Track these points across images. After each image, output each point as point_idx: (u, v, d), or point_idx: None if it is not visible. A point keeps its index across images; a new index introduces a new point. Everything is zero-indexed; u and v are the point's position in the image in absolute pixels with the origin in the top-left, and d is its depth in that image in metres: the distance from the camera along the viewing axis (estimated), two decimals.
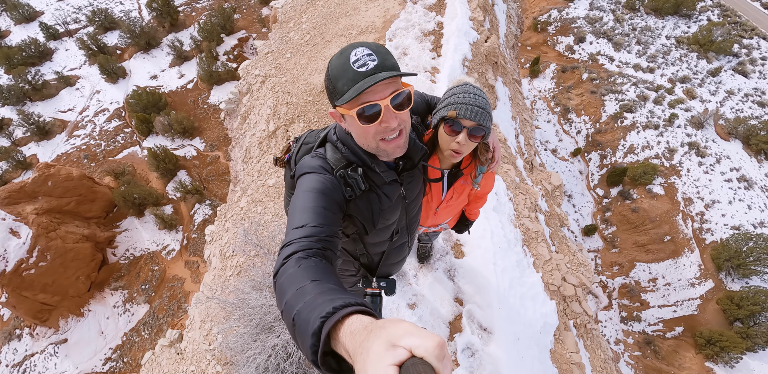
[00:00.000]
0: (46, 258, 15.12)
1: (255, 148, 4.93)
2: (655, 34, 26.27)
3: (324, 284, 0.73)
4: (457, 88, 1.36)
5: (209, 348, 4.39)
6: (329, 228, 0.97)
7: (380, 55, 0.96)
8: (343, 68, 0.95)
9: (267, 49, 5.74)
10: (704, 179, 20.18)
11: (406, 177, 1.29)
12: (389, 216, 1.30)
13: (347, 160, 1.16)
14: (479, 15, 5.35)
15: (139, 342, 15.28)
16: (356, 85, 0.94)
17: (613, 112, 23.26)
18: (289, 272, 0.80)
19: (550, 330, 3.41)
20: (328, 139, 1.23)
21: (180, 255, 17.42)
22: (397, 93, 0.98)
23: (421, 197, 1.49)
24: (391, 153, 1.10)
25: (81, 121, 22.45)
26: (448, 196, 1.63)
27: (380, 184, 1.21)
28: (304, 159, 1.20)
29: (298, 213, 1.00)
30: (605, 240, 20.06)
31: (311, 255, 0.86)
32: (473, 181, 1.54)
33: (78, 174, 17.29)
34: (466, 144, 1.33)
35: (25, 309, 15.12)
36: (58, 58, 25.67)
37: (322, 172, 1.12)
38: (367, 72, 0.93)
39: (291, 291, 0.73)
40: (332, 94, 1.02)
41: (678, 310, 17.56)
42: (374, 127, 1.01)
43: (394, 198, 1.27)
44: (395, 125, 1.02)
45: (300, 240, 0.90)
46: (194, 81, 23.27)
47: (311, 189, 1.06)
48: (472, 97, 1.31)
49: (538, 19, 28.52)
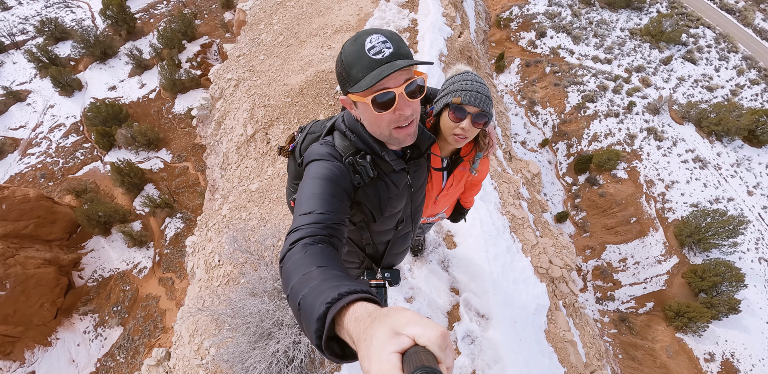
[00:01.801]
0: (6, 286, 14.03)
1: (233, 153, 4.78)
2: (611, 27, 27.82)
3: (330, 270, 0.74)
4: (460, 76, 1.39)
5: (201, 362, 4.23)
6: (336, 216, 0.97)
7: (395, 42, 0.96)
8: (357, 55, 0.95)
9: (238, 52, 5.59)
10: (663, 162, 21.53)
11: (412, 166, 1.30)
12: (396, 205, 1.32)
13: (356, 147, 1.16)
14: (451, 11, 5.46)
15: (115, 367, 14.44)
16: (372, 72, 0.94)
17: (576, 102, 24.39)
18: (296, 257, 0.80)
19: (543, 311, 3.54)
20: (336, 127, 1.23)
21: (153, 272, 16.64)
22: (411, 81, 0.99)
23: (425, 186, 1.51)
24: (402, 141, 1.10)
25: (35, 138, 20.95)
26: (448, 184, 1.66)
27: (388, 172, 1.22)
28: (313, 146, 1.19)
29: (305, 199, 0.99)
30: (576, 225, 20.98)
31: (318, 241, 0.87)
32: (471, 166, 1.58)
33: (35, 194, 16.14)
34: (470, 129, 1.36)
35: None
36: (5, 72, 23.84)
37: (331, 159, 1.12)
38: (383, 59, 0.93)
39: (297, 277, 0.73)
40: (345, 81, 1.01)
41: (648, 287, 18.59)
42: (388, 115, 1.01)
43: (401, 186, 1.28)
44: (409, 113, 1.02)
45: (307, 227, 0.90)
46: (156, 90, 22.28)
47: (319, 176, 1.06)
48: (475, 85, 1.34)
49: (500, 16, 29.45)
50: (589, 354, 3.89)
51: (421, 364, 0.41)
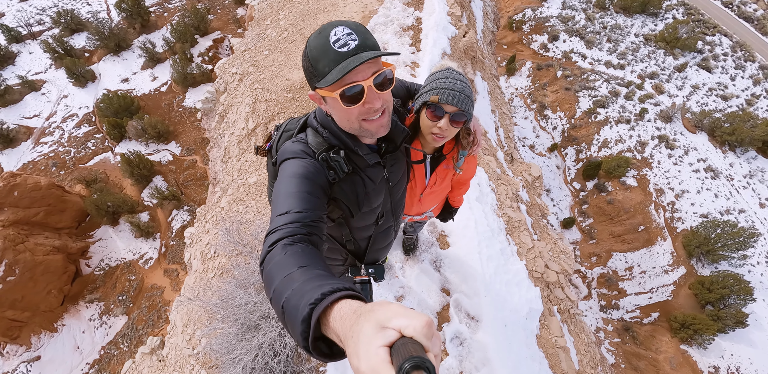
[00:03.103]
0: (15, 272, 14.33)
1: (234, 146, 4.82)
2: (625, 32, 27.42)
3: (311, 270, 0.73)
4: (440, 73, 1.36)
5: (193, 352, 4.26)
6: (314, 213, 0.95)
7: (360, 34, 0.94)
8: (323, 49, 0.92)
9: (244, 47, 5.64)
10: (674, 170, 21.16)
11: (389, 159, 1.28)
12: (374, 200, 1.30)
13: (329, 143, 1.15)
14: (457, 10, 5.43)
15: (118, 356, 14.67)
16: (338, 65, 0.91)
17: (587, 107, 24.10)
18: (276, 259, 0.79)
19: (536, 316, 3.49)
20: (308, 123, 1.21)
21: (158, 263, 16.85)
22: (379, 73, 0.97)
23: (405, 180, 1.49)
24: (375, 132, 1.08)
25: (48, 127, 21.38)
26: (431, 181, 1.64)
27: (363, 167, 1.20)
28: (285, 144, 1.18)
29: (282, 199, 0.98)
30: (583, 232, 20.72)
31: (297, 241, 0.85)
32: (455, 164, 1.56)
33: (46, 183, 16.47)
34: (448, 129, 1.33)
35: None
36: (21, 62, 24.36)
37: (304, 157, 1.10)
38: (349, 52, 0.91)
39: (279, 279, 0.73)
40: (312, 76, 0.99)
41: (653, 297, 18.30)
42: (357, 109, 1.00)
43: (377, 181, 1.26)
44: (379, 106, 1.00)
45: (285, 227, 0.89)
46: (168, 84, 22.57)
47: (294, 174, 1.04)
48: (455, 83, 1.31)
49: (513, 18, 29.23)
50: (582, 361, 3.82)
51: (409, 355, 0.41)
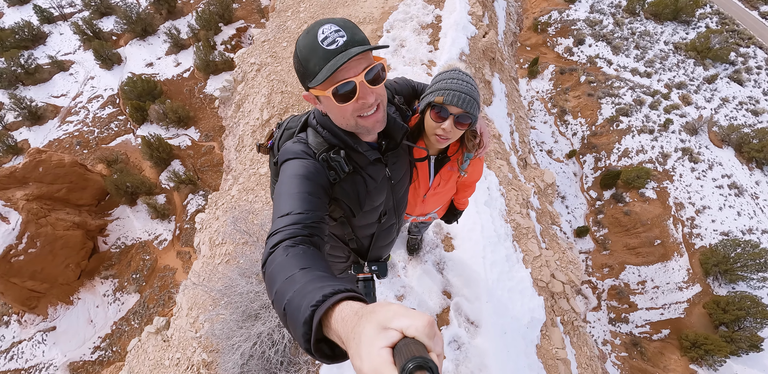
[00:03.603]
0: (36, 245, 14.94)
1: (248, 136, 4.88)
2: (654, 39, 26.42)
3: (313, 271, 0.73)
4: (447, 74, 1.33)
5: (195, 335, 4.35)
6: (315, 214, 0.95)
7: (348, 30, 0.93)
8: (312, 48, 0.92)
9: (264, 38, 5.67)
10: (696, 185, 20.43)
11: (390, 157, 1.27)
12: (376, 198, 1.29)
13: (329, 143, 1.14)
14: (478, 10, 5.32)
15: (129, 332, 15.19)
16: (328, 63, 0.91)
17: (609, 115, 23.43)
18: (278, 261, 0.79)
19: (537, 325, 3.43)
20: (308, 123, 1.21)
21: (172, 245, 17.30)
22: (371, 67, 0.96)
23: (408, 178, 1.47)
24: (371, 128, 1.07)
25: (74, 106, 22.09)
26: (435, 183, 1.61)
27: (364, 165, 1.20)
28: (286, 145, 1.18)
29: (283, 200, 0.98)
30: (597, 242, 20.28)
31: (298, 242, 0.85)
32: (459, 167, 1.53)
33: (70, 160, 17.06)
34: (452, 131, 1.30)
35: (13, 295, 14.95)
36: (51, 42, 25.17)
37: (305, 157, 1.10)
38: (338, 49, 0.90)
39: (280, 281, 0.73)
40: (304, 77, 0.99)
41: (665, 313, 17.85)
42: (351, 105, 0.99)
43: (379, 179, 1.25)
44: (372, 101, 1.00)
45: (286, 228, 0.89)
46: (190, 70, 22.98)
47: (295, 174, 1.04)
48: (461, 84, 1.28)
49: (538, 20, 28.52)
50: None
51: (411, 355, 0.42)
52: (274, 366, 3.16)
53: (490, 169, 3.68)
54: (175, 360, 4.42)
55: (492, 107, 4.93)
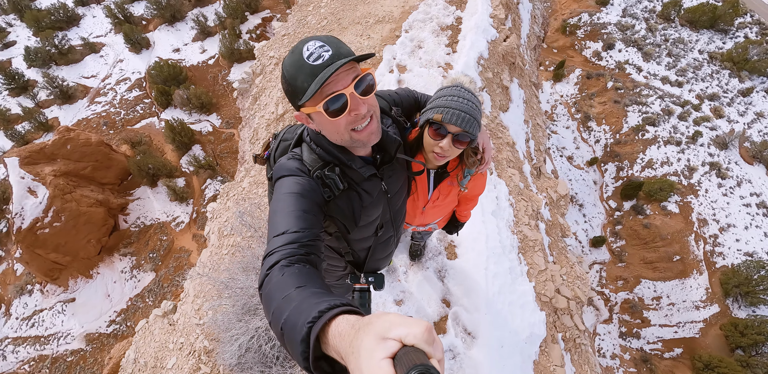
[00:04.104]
0: (61, 219, 15.58)
1: (263, 129, 4.92)
2: (688, 47, 25.08)
3: (308, 289, 0.73)
4: (448, 90, 1.30)
5: (199, 322, 4.47)
6: (311, 232, 0.95)
7: (333, 44, 0.92)
8: (298, 65, 0.92)
9: (284, 32, 5.67)
10: (722, 201, 19.54)
11: (386, 171, 1.25)
12: (371, 213, 1.27)
13: (323, 160, 1.13)
14: (501, 12, 5.15)
15: (143, 309, 15.75)
16: (316, 78, 0.90)
17: (635, 123, 22.53)
18: (274, 281, 0.80)
19: (536, 341, 3.36)
20: (302, 139, 1.20)
21: (188, 227, 17.76)
22: (359, 78, 0.95)
23: (405, 189, 1.45)
24: (366, 141, 1.06)
25: (103, 88, 22.78)
26: (434, 196, 1.59)
27: (359, 181, 1.18)
28: (281, 161, 1.17)
29: (279, 219, 0.98)
30: (612, 253, 19.74)
31: (294, 262, 0.85)
32: (459, 182, 1.49)
33: (96, 140, 17.65)
34: (449, 149, 1.28)
35: (37, 266, 15.69)
36: (84, 24, 25.90)
37: (300, 174, 1.10)
38: (324, 63, 0.90)
39: (277, 301, 0.73)
40: (293, 96, 0.98)
41: (679, 331, 17.29)
42: (344, 119, 0.98)
43: (375, 193, 1.24)
44: (365, 111, 0.98)
45: (282, 248, 0.89)
46: (215, 57, 23.27)
47: (290, 192, 1.04)
48: (461, 102, 1.24)
49: (567, 22, 27.48)
50: None
51: (413, 364, 0.41)
52: (269, 360, 3.22)
53: (500, 178, 3.59)
54: (179, 345, 4.55)
55: (508, 113, 4.79)
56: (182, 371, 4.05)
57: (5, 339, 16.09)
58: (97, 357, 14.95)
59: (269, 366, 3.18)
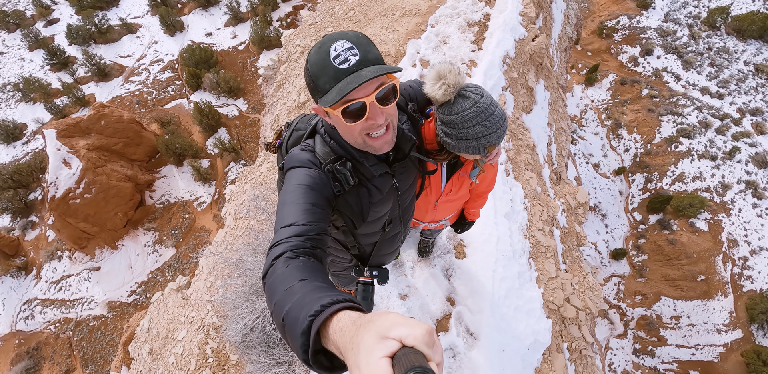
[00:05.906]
0: (91, 190, 16.36)
1: (284, 116, 4.97)
2: (733, 58, 23.38)
3: (312, 282, 0.73)
4: (472, 111, 1.24)
5: (210, 299, 4.63)
6: (318, 226, 0.95)
7: (361, 47, 0.90)
8: (323, 64, 0.90)
9: (311, 21, 5.67)
10: (756, 223, 18.45)
11: (398, 168, 1.24)
12: (380, 209, 1.27)
13: (336, 153, 1.12)
14: (531, 11, 4.95)
15: (162, 282, 16.44)
16: (338, 83, 0.89)
17: (669, 134, 21.41)
18: (278, 273, 0.80)
19: (540, 349, 3.31)
20: (317, 130, 1.19)
21: (210, 208, 18.31)
22: (382, 88, 0.93)
23: (415, 185, 1.44)
24: (378, 149, 1.05)
25: (137, 67, 23.56)
26: (447, 189, 1.57)
27: (370, 177, 1.17)
28: (293, 151, 1.17)
29: (287, 210, 0.98)
30: (633, 267, 19.06)
31: (300, 254, 0.86)
32: (470, 174, 1.47)
33: (128, 117, 18.34)
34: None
35: (67, 233, 16.60)
36: (124, 5, 26.76)
37: (311, 166, 1.09)
38: (350, 69, 0.88)
39: (280, 292, 0.73)
40: (314, 91, 0.98)
41: (697, 354, 16.58)
42: (360, 124, 0.97)
43: (385, 190, 1.23)
44: (382, 121, 0.97)
45: (288, 240, 0.90)
46: (246, 43, 23.60)
47: (300, 184, 1.04)
48: (490, 121, 1.21)
49: (604, 24, 26.15)
50: None
51: (411, 365, 0.41)
52: (273, 341, 3.31)
53: (517, 181, 3.51)
54: (190, 319, 4.74)
55: (531, 115, 4.63)
56: (191, 344, 4.21)
57: (35, 300, 17.20)
58: (117, 324, 15.79)
59: (272, 347, 3.27)
